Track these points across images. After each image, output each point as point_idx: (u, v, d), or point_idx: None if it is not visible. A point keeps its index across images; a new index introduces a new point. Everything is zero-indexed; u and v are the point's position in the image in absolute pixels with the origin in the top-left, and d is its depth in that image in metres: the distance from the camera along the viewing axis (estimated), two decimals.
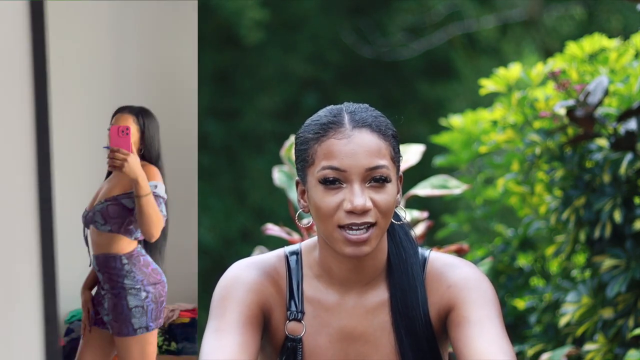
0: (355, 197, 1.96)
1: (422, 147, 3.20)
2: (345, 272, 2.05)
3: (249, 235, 8.47)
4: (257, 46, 8.69)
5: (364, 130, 2.00)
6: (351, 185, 1.97)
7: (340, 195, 1.98)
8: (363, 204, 1.96)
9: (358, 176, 1.97)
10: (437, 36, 8.79)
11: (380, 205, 1.98)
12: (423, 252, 2.11)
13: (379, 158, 1.98)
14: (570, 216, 3.23)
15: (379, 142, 2.00)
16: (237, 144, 8.77)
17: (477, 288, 2.04)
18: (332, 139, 1.99)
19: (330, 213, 1.98)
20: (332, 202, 1.98)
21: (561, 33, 8.71)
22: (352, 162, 1.97)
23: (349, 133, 1.99)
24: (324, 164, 1.98)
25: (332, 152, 1.98)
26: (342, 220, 1.97)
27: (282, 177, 3.21)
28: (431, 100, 9.15)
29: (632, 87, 3.23)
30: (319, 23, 8.93)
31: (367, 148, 1.98)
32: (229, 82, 8.84)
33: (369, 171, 1.97)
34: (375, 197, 1.98)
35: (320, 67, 8.94)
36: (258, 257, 2.11)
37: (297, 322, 2.07)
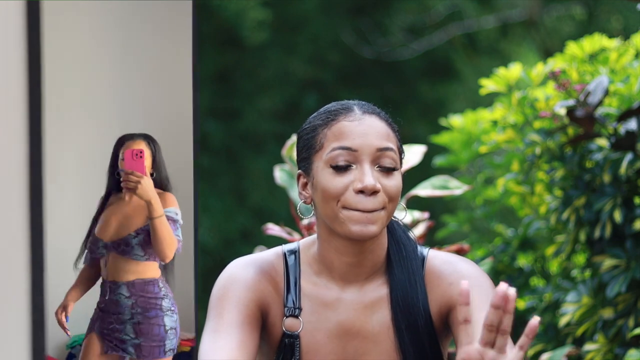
0: (366, 177, 1.98)
1: (424, 148, 3.20)
2: (346, 266, 2.05)
3: (249, 235, 8.48)
4: (257, 47, 8.69)
5: (373, 116, 2.04)
6: (361, 165, 1.99)
7: (350, 176, 1.99)
8: (374, 184, 1.97)
9: (368, 156, 1.99)
10: (437, 36, 8.79)
11: (389, 189, 1.99)
12: (422, 250, 2.11)
13: (389, 141, 2.02)
14: (570, 216, 3.23)
15: (387, 129, 2.03)
16: (237, 144, 8.77)
17: (478, 286, 2.04)
18: (342, 122, 2.02)
19: (338, 193, 1.99)
20: (340, 182, 1.99)
21: (561, 33, 8.71)
22: (363, 141, 1.99)
23: (360, 116, 2.02)
24: (335, 145, 2.00)
25: (343, 133, 2.00)
26: (348, 200, 1.98)
27: (283, 176, 3.22)
28: (431, 100, 9.16)
29: (632, 87, 3.23)
30: (319, 24, 8.94)
31: (377, 130, 2.02)
32: (230, 82, 8.84)
33: (379, 151, 1.99)
34: (383, 181, 2.00)
35: (320, 67, 8.95)
36: (255, 255, 2.11)
37: (295, 318, 2.07)
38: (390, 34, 8.99)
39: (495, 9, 8.90)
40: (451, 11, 8.91)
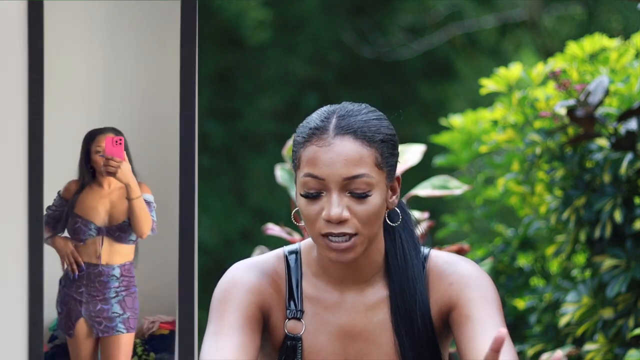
0: (332, 207, 1.96)
1: (423, 147, 3.19)
2: (342, 271, 2.06)
3: (249, 235, 8.48)
4: (258, 47, 8.69)
5: (346, 137, 1.98)
6: (330, 194, 1.97)
7: (320, 203, 1.98)
8: (339, 214, 1.96)
9: (336, 185, 1.97)
10: (437, 36, 8.79)
11: (360, 216, 1.98)
12: (423, 250, 2.11)
13: (359, 167, 1.97)
14: (570, 216, 3.23)
15: (360, 149, 1.98)
16: (237, 144, 8.77)
17: (478, 286, 2.04)
18: (314, 146, 1.98)
19: (312, 221, 1.98)
20: (312, 210, 1.98)
21: (561, 33, 8.71)
22: (330, 171, 1.97)
23: (330, 141, 1.98)
24: (306, 170, 1.99)
25: (313, 159, 1.98)
26: (322, 229, 1.98)
27: (284, 175, 3.22)
28: (431, 100, 9.16)
29: (633, 87, 3.23)
30: (320, 24, 8.94)
31: (345, 157, 1.97)
32: (230, 82, 8.84)
33: (346, 180, 1.97)
34: (354, 207, 1.97)
35: (320, 67, 8.95)
36: (256, 258, 2.11)
37: (297, 321, 2.07)
38: (390, 34, 9.00)
39: (495, 9, 8.90)
40: (451, 11, 8.91)
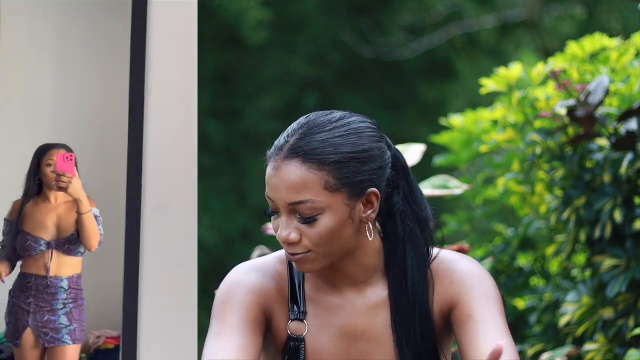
0: (280, 229, 2.01)
1: (423, 147, 3.19)
2: (337, 275, 2.08)
3: (249, 235, 8.48)
4: (258, 47, 8.69)
5: (294, 162, 1.98)
6: (281, 215, 2.01)
7: (277, 222, 2.02)
8: (286, 237, 2.00)
9: (284, 208, 2.00)
10: (437, 36, 8.79)
11: (311, 237, 1.99)
12: (431, 251, 2.11)
13: (302, 193, 1.98)
14: (570, 216, 3.23)
15: (307, 175, 1.97)
16: (237, 144, 8.77)
17: (480, 285, 2.04)
18: (269, 167, 2.03)
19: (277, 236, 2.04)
20: (275, 226, 2.03)
21: (561, 33, 8.71)
22: (276, 195, 2.00)
23: (279, 164, 2.00)
24: (266, 189, 2.03)
25: (267, 181, 2.03)
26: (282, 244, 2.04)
27: None
28: (431, 100, 9.15)
29: (633, 87, 3.23)
30: (320, 24, 8.93)
31: (288, 183, 1.98)
32: (230, 82, 8.84)
33: (291, 206, 1.99)
34: (304, 230, 1.99)
35: (321, 67, 8.94)
36: (258, 260, 2.12)
37: (300, 322, 2.08)
38: (390, 33, 8.99)
39: (495, 9, 8.90)
40: (451, 11, 8.91)
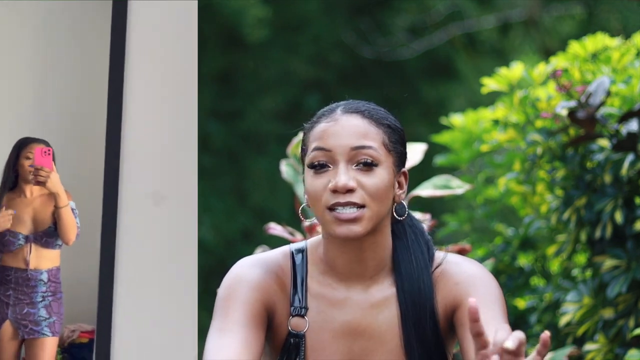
0: (338, 176, 1.99)
1: (424, 146, 3.19)
2: (347, 264, 2.06)
3: (250, 235, 8.47)
4: (259, 46, 8.68)
5: (353, 115, 2.04)
6: (337, 165, 2.00)
7: (327, 176, 2.01)
8: (345, 183, 1.98)
9: (343, 156, 2.00)
10: (437, 36, 8.79)
11: (368, 187, 1.99)
12: (431, 251, 2.11)
13: (366, 139, 2.01)
14: (571, 216, 3.23)
15: (368, 126, 2.03)
16: (238, 144, 8.76)
17: (483, 286, 2.05)
18: (321, 124, 2.04)
19: (319, 195, 2.00)
20: (319, 184, 2.01)
21: (561, 33, 8.70)
22: (336, 142, 2.00)
23: (338, 117, 2.03)
24: (313, 146, 2.03)
25: (320, 135, 2.02)
26: (328, 201, 2.00)
27: (289, 171, 3.22)
28: (432, 100, 9.15)
29: (634, 88, 3.23)
30: (321, 24, 8.93)
31: (353, 129, 2.02)
32: (231, 83, 8.84)
33: (354, 150, 2.00)
34: (362, 179, 2.00)
35: (322, 67, 8.94)
36: (262, 255, 2.12)
37: (301, 318, 2.07)
38: (390, 34, 8.99)
39: (495, 8, 8.90)
40: (451, 11, 8.90)
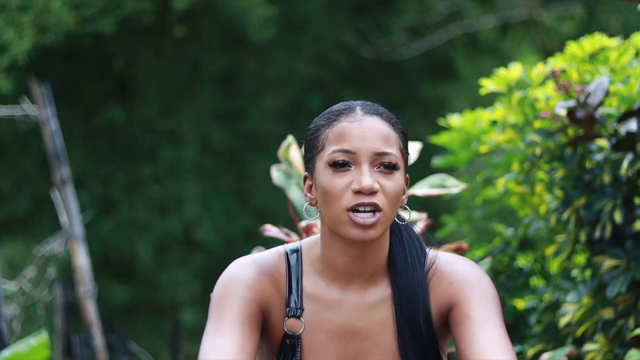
0: (364, 177, 1.99)
1: (419, 145, 3.18)
2: (347, 266, 2.06)
3: (252, 236, 8.48)
4: (261, 46, 8.69)
5: (375, 117, 2.04)
6: (360, 166, 2.00)
7: (349, 177, 2.00)
8: (371, 185, 1.99)
9: (367, 158, 2.00)
10: (437, 36, 8.79)
11: (388, 190, 2.00)
12: (425, 250, 2.12)
13: (388, 146, 2.02)
14: (570, 216, 3.23)
15: (389, 130, 2.03)
16: (240, 145, 8.77)
17: (478, 286, 2.05)
18: (343, 122, 2.03)
19: (339, 195, 2.00)
20: (340, 184, 2.00)
21: (561, 33, 8.71)
22: (361, 145, 2.00)
23: (360, 117, 2.03)
24: (334, 147, 2.01)
25: (343, 135, 2.01)
26: (350, 202, 1.99)
27: (280, 176, 3.21)
28: (432, 99, 9.15)
29: (633, 87, 3.23)
30: (322, 24, 8.93)
31: (377, 133, 2.02)
32: (233, 83, 8.85)
33: (377, 155, 2.00)
34: (383, 182, 2.00)
35: (323, 68, 8.94)
36: (257, 255, 2.12)
37: (296, 319, 2.07)
38: (390, 34, 8.99)
39: (495, 8, 8.90)
40: (451, 11, 8.91)
